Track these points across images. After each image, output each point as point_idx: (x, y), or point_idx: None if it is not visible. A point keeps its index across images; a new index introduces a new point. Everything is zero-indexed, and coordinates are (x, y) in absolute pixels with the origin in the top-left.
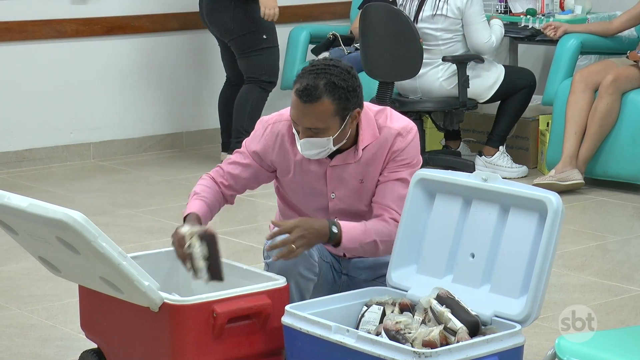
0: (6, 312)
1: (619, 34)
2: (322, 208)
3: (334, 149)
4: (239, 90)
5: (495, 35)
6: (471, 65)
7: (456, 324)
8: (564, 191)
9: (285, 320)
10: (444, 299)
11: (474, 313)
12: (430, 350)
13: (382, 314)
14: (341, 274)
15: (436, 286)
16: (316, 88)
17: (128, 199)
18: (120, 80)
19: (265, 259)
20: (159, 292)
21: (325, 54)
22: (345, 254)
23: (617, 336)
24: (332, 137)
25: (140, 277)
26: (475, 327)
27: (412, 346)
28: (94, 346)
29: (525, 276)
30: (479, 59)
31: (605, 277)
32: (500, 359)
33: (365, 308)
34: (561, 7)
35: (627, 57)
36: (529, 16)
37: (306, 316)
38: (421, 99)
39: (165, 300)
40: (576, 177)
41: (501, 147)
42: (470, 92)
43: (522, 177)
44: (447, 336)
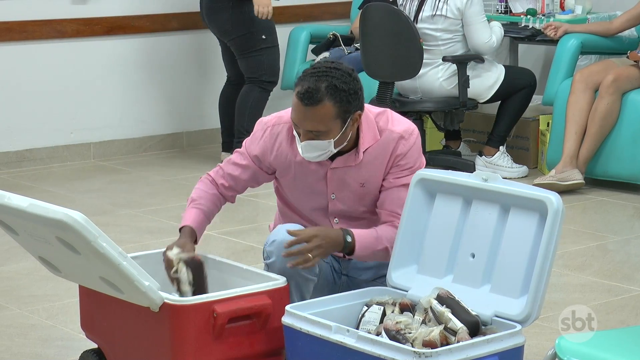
0: (6, 312)
1: (619, 34)
2: (321, 208)
3: (335, 151)
4: (239, 90)
5: (496, 36)
6: (471, 65)
7: (456, 324)
8: (564, 191)
9: (286, 320)
10: (444, 299)
11: (474, 313)
12: (431, 350)
13: (382, 314)
14: (341, 275)
15: (436, 286)
16: (317, 91)
17: (128, 199)
18: (120, 80)
19: (265, 259)
20: (159, 292)
21: (326, 54)
22: (345, 255)
23: (617, 336)
24: (333, 139)
25: (141, 277)
26: (476, 327)
27: (413, 346)
28: (94, 346)
29: (526, 276)
30: (479, 59)
31: (606, 277)
32: (501, 359)
33: (365, 308)
34: (561, 7)
35: (627, 57)
36: (529, 16)
37: (306, 316)
38: (421, 99)
39: (166, 300)
40: (576, 177)
41: (501, 147)
42: (471, 92)
43: (522, 177)
44: (447, 336)
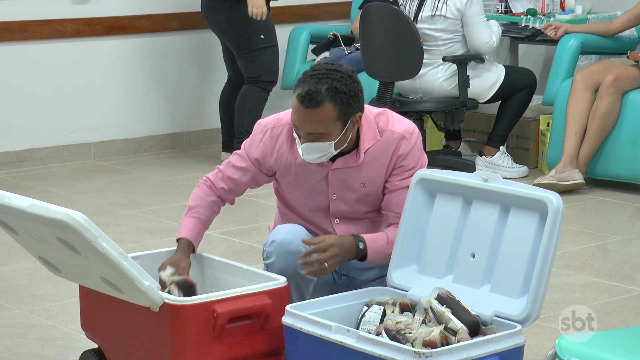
0: (7, 312)
1: (619, 34)
2: (322, 209)
3: (335, 153)
4: (240, 89)
5: (495, 36)
6: (472, 65)
7: (456, 324)
8: (564, 191)
9: (286, 320)
10: (445, 299)
11: (474, 313)
12: (431, 350)
13: (382, 314)
14: (341, 275)
15: (437, 286)
16: (318, 93)
17: (128, 199)
18: (120, 80)
19: (264, 259)
20: (159, 292)
21: (326, 54)
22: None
23: (617, 336)
24: (334, 141)
25: (141, 277)
26: (476, 327)
27: (413, 346)
28: (95, 346)
29: (526, 276)
30: (480, 59)
31: (606, 277)
32: (501, 359)
33: (365, 308)
34: (562, 7)
35: (627, 57)
36: (529, 16)
37: (307, 316)
38: (422, 99)
39: (166, 300)
40: (577, 177)
41: (502, 147)
42: (471, 92)
43: (522, 177)
44: (447, 336)
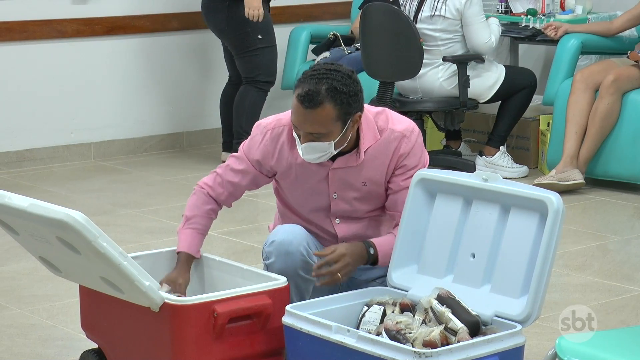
0: (7, 312)
1: (619, 34)
2: (323, 209)
3: (335, 152)
4: None
5: (495, 35)
6: (472, 65)
7: (457, 324)
8: (564, 191)
9: (286, 320)
10: (445, 299)
11: (474, 313)
12: (431, 350)
13: (382, 314)
14: None
15: (437, 286)
16: (318, 93)
17: (128, 199)
18: (120, 80)
19: (264, 259)
20: (159, 292)
21: (326, 54)
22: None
23: (617, 336)
24: (334, 141)
25: (141, 277)
26: (476, 327)
27: (413, 346)
28: (95, 346)
29: (526, 276)
30: (480, 59)
31: (606, 277)
32: (501, 359)
33: (365, 308)
34: (562, 7)
35: (627, 57)
36: (529, 16)
37: (307, 316)
38: (422, 99)
39: (166, 300)
40: (577, 177)
41: (502, 147)
42: (471, 92)
43: (522, 177)
44: (447, 336)
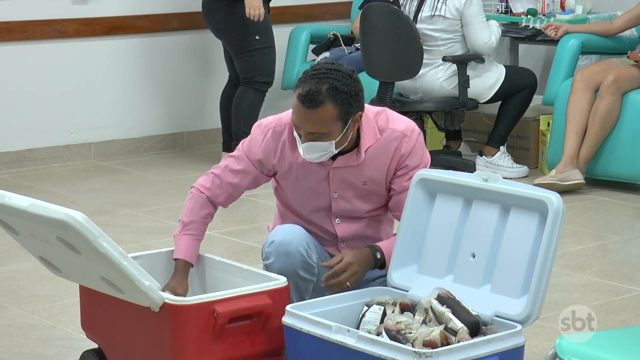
0: (7, 312)
1: (619, 34)
2: (323, 209)
3: (336, 152)
4: None
5: (495, 35)
6: (472, 65)
7: (457, 324)
8: (564, 191)
9: (286, 320)
10: (445, 299)
11: (474, 313)
12: (431, 350)
13: (382, 314)
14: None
15: (437, 286)
16: (319, 93)
17: (128, 199)
18: (120, 80)
19: (264, 260)
20: (159, 292)
21: (326, 54)
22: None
23: (617, 336)
24: (334, 141)
25: (141, 277)
26: (476, 327)
27: (413, 346)
28: (95, 346)
29: (526, 276)
30: (480, 59)
31: (606, 277)
32: (501, 359)
33: (365, 308)
34: (562, 7)
35: (627, 57)
36: (529, 16)
37: (307, 316)
38: (422, 99)
39: (166, 300)
40: (577, 177)
41: (502, 147)
42: (471, 92)
43: (522, 177)
44: (447, 336)
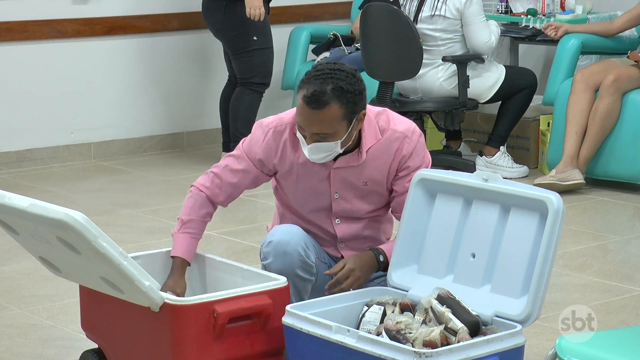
0: (7, 312)
1: (619, 34)
2: (323, 209)
3: (341, 151)
4: None
5: (494, 35)
6: (472, 65)
7: (457, 324)
8: (564, 191)
9: (286, 320)
10: (445, 299)
11: (474, 313)
12: (431, 350)
13: (382, 314)
14: None
15: (437, 286)
16: (324, 93)
17: (129, 199)
18: (120, 80)
19: (262, 260)
20: (159, 292)
21: (326, 54)
22: (343, 255)
23: (617, 336)
24: (340, 140)
25: (141, 277)
26: (476, 327)
27: (413, 346)
28: (95, 346)
29: (526, 276)
30: (479, 59)
31: (606, 277)
32: (501, 359)
33: (365, 308)
34: (562, 7)
35: (627, 57)
36: (529, 16)
37: (307, 316)
38: (422, 99)
39: (166, 300)
40: (577, 177)
41: (502, 147)
42: (471, 92)
43: (522, 177)
44: (447, 336)
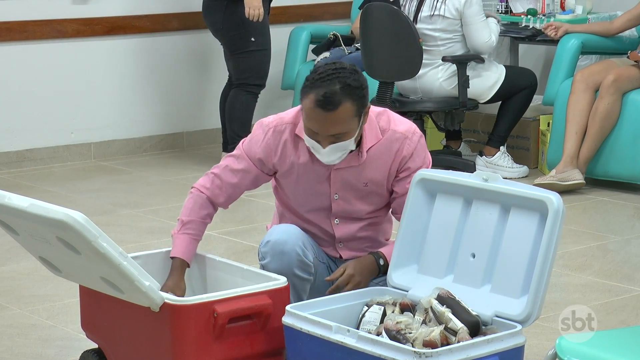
0: (7, 312)
1: (619, 34)
2: (323, 209)
3: (354, 149)
4: None
5: (494, 34)
6: (472, 66)
7: (457, 324)
8: (564, 191)
9: (286, 320)
10: (445, 299)
11: (474, 313)
12: (431, 351)
13: (382, 314)
14: None
15: (437, 286)
16: (335, 94)
17: (128, 199)
18: (120, 80)
19: (260, 260)
20: (159, 292)
21: (326, 54)
22: (342, 256)
23: (617, 336)
24: (353, 138)
25: (141, 277)
26: (476, 327)
27: (413, 346)
28: (95, 346)
29: (526, 276)
30: (479, 59)
31: (606, 277)
32: (501, 359)
33: (365, 308)
34: (562, 7)
35: (627, 57)
36: (529, 16)
37: (307, 316)
38: (422, 99)
39: (166, 300)
40: (577, 177)
41: (502, 147)
42: (471, 92)
43: (522, 177)
44: (447, 336)
